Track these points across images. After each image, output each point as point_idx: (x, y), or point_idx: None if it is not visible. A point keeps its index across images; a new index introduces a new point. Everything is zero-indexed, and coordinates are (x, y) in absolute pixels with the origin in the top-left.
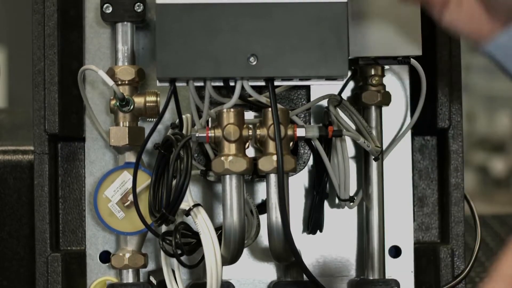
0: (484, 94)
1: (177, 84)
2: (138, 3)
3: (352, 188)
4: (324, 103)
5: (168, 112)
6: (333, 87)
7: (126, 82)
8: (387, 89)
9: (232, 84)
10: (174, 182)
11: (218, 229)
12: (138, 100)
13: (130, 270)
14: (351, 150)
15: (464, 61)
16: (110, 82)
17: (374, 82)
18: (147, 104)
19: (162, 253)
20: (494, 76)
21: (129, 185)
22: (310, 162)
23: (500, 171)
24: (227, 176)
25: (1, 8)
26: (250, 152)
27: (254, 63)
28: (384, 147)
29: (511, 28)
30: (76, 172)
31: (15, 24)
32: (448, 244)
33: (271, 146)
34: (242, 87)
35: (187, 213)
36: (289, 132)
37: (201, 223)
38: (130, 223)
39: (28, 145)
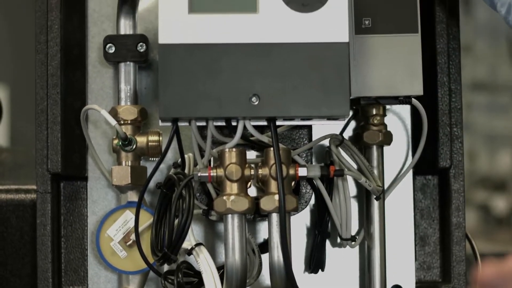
0: (485, 132)
1: (180, 123)
2: (141, 43)
3: (354, 227)
4: (326, 142)
5: (170, 152)
6: (335, 126)
7: (129, 122)
8: (388, 129)
9: (234, 123)
10: (176, 221)
11: (220, 268)
12: (141, 140)
13: None
14: (352, 189)
15: (465, 99)
16: (113, 122)
17: (375, 121)
18: (149, 143)
19: None
20: (495, 114)
21: (132, 224)
22: (312, 201)
23: (501, 209)
24: (229, 216)
25: (3, 46)
26: (252, 191)
27: (256, 103)
28: (385, 187)
29: None
30: (78, 211)
31: (18, 62)
32: (449, 284)
33: (273, 185)
34: (244, 127)
35: (189, 252)
36: (291, 171)
37: (203, 262)
38: (132, 262)
39: (30, 184)
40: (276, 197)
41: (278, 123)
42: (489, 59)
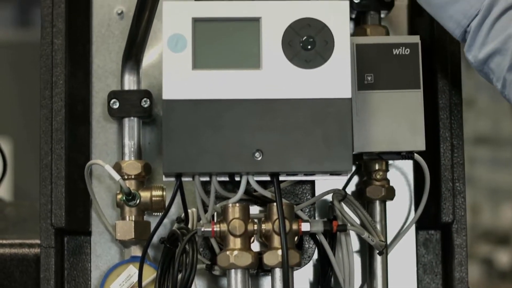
0: (488, 186)
1: (183, 178)
2: (145, 99)
3: (357, 282)
4: (329, 197)
5: (174, 206)
6: (338, 181)
7: (133, 177)
8: (391, 184)
9: (237, 179)
10: (179, 276)
11: None
12: (144, 195)
13: None
14: (355, 244)
15: (467, 153)
16: (117, 177)
17: (378, 176)
18: (153, 198)
19: None
20: (498, 168)
21: (135, 279)
22: (315, 256)
23: (505, 263)
24: (233, 271)
25: (7, 100)
26: (255, 246)
27: (259, 158)
28: (388, 241)
29: None
30: (82, 266)
31: (22, 115)
32: None
33: (276, 240)
34: (248, 182)
35: None
36: (294, 226)
37: None
38: None
39: (34, 239)
40: (279, 252)
41: (281, 178)
42: (491, 114)
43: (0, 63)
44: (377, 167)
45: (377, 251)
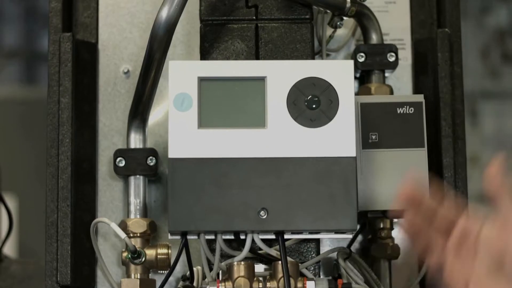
0: None
1: (189, 237)
2: (151, 157)
3: None
4: (334, 255)
5: (179, 265)
6: (343, 239)
7: (138, 235)
8: (396, 242)
9: (242, 237)
10: None
11: None
12: (150, 253)
13: None
14: None
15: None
16: (122, 235)
17: (383, 235)
18: (158, 256)
19: None
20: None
21: None
22: None
23: None
24: None
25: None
26: None
27: (265, 216)
28: None
29: None
30: None
31: (27, 173)
32: None
33: None
34: (253, 240)
35: None
36: (299, 285)
37: None
38: None
39: None
40: None
41: (286, 236)
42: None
43: (6, 119)
44: (382, 225)
45: None
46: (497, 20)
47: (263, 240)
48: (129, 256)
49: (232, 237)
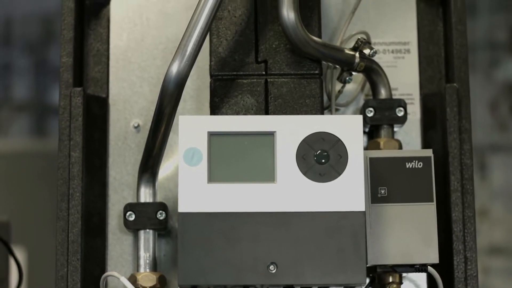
0: None
1: None
2: (160, 211)
3: None
4: None
5: None
6: None
7: None
8: None
9: None
10: None
11: None
12: None
13: None
14: None
15: (482, 264)
16: None
17: None
18: None
19: None
20: None
21: None
22: None
23: None
24: None
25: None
26: None
27: (274, 271)
28: None
29: None
30: None
31: (36, 226)
32: None
33: None
34: None
35: None
36: None
37: None
38: None
39: None
40: None
41: None
42: (506, 224)
43: (16, 172)
44: (391, 279)
45: None
46: (505, 74)
47: None
48: None
49: None
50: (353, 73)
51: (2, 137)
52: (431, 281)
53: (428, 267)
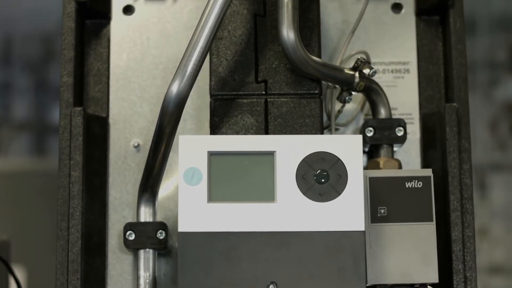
0: None
1: None
2: (160, 231)
3: None
4: None
5: None
6: None
7: None
8: None
9: None
10: None
11: None
12: None
13: None
14: None
15: (482, 283)
16: None
17: None
18: None
19: None
20: None
21: None
22: None
23: None
24: None
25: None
26: None
27: None
28: None
29: None
30: None
31: (35, 244)
32: None
33: None
34: None
35: None
36: None
37: None
38: None
39: None
40: None
41: None
42: (506, 243)
43: (16, 191)
44: None
45: None
46: (505, 93)
47: None
48: None
49: None
50: (353, 92)
51: (2, 156)
52: None
53: (428, 286)
